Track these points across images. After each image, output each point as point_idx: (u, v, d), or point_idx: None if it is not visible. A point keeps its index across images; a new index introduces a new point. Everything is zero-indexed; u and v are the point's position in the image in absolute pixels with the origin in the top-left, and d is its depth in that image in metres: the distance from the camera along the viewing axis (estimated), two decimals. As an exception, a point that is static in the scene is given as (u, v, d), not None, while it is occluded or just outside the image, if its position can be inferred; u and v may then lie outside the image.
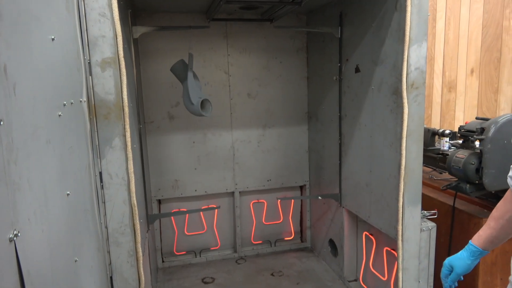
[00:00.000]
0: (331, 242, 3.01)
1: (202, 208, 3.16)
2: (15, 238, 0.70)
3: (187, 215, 3.18)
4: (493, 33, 3.15)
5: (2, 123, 0.69)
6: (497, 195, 2.25)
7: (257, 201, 3.34)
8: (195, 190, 3.14)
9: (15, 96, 0.76)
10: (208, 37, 2.97)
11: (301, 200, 3.47)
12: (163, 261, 3.20)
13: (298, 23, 3.13)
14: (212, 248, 3.32)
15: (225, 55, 3.04)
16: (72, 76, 1.31)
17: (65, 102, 1.16)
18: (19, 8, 0.84)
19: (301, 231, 3.53)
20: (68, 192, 1.12)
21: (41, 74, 0.96)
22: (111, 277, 1.74)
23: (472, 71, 3.34)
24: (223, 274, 3.03)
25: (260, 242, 3.41)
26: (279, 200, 3.33)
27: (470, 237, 2.23)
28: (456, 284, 1.52)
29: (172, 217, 3.17)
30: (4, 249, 0.67)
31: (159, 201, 3.13)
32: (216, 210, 3.20)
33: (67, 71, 1.24)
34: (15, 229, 0.71)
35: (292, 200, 3.41)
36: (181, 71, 2.50)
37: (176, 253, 3.24)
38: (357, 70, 2.40)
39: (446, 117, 3.48)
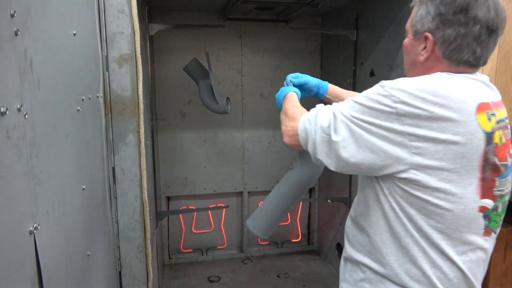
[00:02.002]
0: (339, 246, 3.00)
1: (210, 206, 3.17)
2: (34, 231, 0.70)
3: (195, 213, 3.19)
4: (510, 41, 3.11)
5: (27, 116, 0.70)
6: (510, 206, 2.22)
7: (265, 202, 3.33)
8: (204, 189, 3.15)
9: (39, 90, 0.77)
10: (222, 37, 2.98)
11: (310, 203, 3.46)
12: (169, 258, 3.21)
13: (313, 25, 3.13)
14: (218, 247, 3.32)
15: (239, 55, 3.04)
16: (91, 71, 1.32)
17: (83, 97, 1.17)
18: (44, 3, 0.85)
19: (309, 233, 3.52)
20: (83, 187, 1.13)
21: (63, 69, 0.97)
22: (120, 272, 1.75)
23: (487, 79, 3.30)
24: (229, 274, 3.03)
25: (267, 243, 3.40)
26: (287, 202, 3.32)
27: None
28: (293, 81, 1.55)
29: (180, 215, 3.18)
30: (24, 241, 0.68)
31: (168, 198, 3.14)
32: (224, 209, 3.21)
33: (86, 66, 1.25)
34: (35, 222, 0.72)
35: (301, 202, 3.40)
36: (197, 70, 2.51)
37: (183, 250, 3.25)
38: (372, 74, 2.38)
39: (459, 124, 3.43)
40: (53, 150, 0.86)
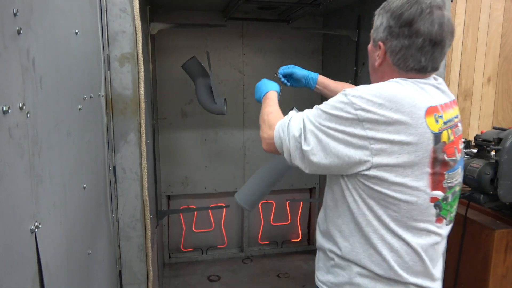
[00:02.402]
0: (339, 246, 2.99)
1: (211, 206, 3.17)
2: (36, 230, 0.70)
3: (195, 212, 3.19)
4: (511, 43, 3.11)
5: (29, 115, 0.70)
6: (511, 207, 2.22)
7: (265, 201, 3.33)
8: (205, 188, 3.15)
9: (41, 89, 0.77)
10: (224, 36, 2.97)
11: (310, 203, 3.46)
12: (170, 257, 3.22)
13: (315, 25, 3.12)
14: (218, 246, 3.33)
15: (240, 55, 3.04)
16: (92, 70, 1.32)
17: (85, 96, 1.17)
18: (47, 1, 0.85)
19: (309, 233, 3.52)
20: (84, 186, 1.13)
21: (65, 67, 0.97)
22: (120, 271, 1.75)
23: (489, 80, 3.29)
24: (228, 273, 3.03)
25: (267, 242, 3.41)
26: (287, 202, 3.33)
27: (481, 248, 2.21)
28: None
29: (180, 214, 3.18)
30: (25, 240, 0.68)
31: (169, 197, 3.15)
32: (224, 208, 3.21)
33: (88, 65, 1.25)
34: (36, 221, 0.72)
35: (301, 202, 3.40)
36: (195, 68, 2.51)
37: (183, 249, 3.25)
38: (373, 74, 2.38)
39: (460, 125, 3.43)
40: (54, 149, 0.86)
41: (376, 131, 0.95)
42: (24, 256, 0.68)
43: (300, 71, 1.75)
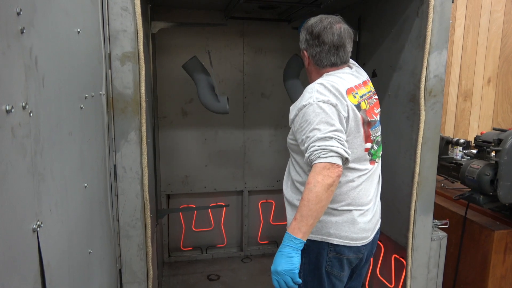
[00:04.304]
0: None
1: (211, 205, 3.17)
2: (38, 229, 0.70)
3: (195, 211, 3.19)
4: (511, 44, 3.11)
5: (32, 114, 0.70)
6: (511, 208, 2.22)
7: (265, 201, 3.34)
8: (205, 187, 3.15)
9: (43, 88, 0.77)
10: (225, 35, 2.97)
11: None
12: (169, 256, 3.22)
13: (316, 25, 3.12)
14: (218, 246, 3.33)
15: (241, 54, 3.04)
16: (94, 69, 1.32)
17: (86, 95, 1.17)
18: (49, 0, 0.85)
19: (308, 233, 3.51)
20: (85, 184, 1.13)
21: (67, 66, 0.97)
22: (120, 270, 1.75)
23: (489, 81, 3.30)
24: (228, 272, 3.04)
25: (267, 242, 3.41)
26: (287, 201, 3.33)
27: (481, 249, 2.21)
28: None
29: (180, 213, 3.18)
30: (27, 239, 0.68)
31: (168, 196, 3.15)
32: (224, 208, 3.21)
33: (90, 64, 1.25)
34: (38, 220, 0.72)
35: (301, 202, 3.40)
36: (196, 68, 2.51)
37: (182, 248, 3.25)
38: (374, 75, 2.38)
39: (460, 126, 3.44)
40: (56, 148, 0.86)
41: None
42: (26, 255, 0.68)
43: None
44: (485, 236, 2.20)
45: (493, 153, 2.17)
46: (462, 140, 2.59)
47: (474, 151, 2.48)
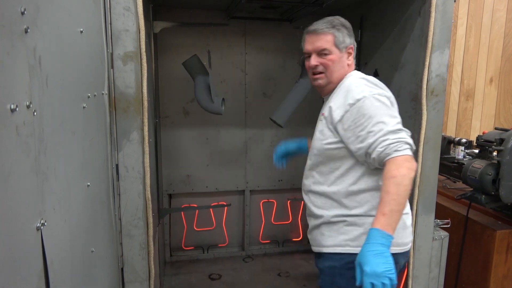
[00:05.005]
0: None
1: (212, 205, 3.17)
2: (42, 227, 0.71)
3: (197, 211, 3.20)
4: (514, 43, 3.10)
5: (35, 113, 0.70)
6: (513, 207, 2.22)
7: (267, 200, 3.34)
8: (206, 187, 3.16)
9: (47, 87, 0.77)
10: (226, 35, 2.98)
11: (311, 202, 3.45)
12: (171, 255, 3.22)
13: (317, 25, 3.12)
14: (220, 245, 3.33)
15: (243, 53, 3.04)
16: (96, 69, 1.33)
17: (89, 95, 1.18)
18: (53, 0, 0.85)
19: (310, 232, 3.52)
20: (88, 184, 1.13)
21: (70, 66, 0.97)
22: (122, 269, 1.75)
23: (491, 80, 3.29)
24: (230, 272, 3.04)
25: (268, 241, 3.41)
26: (289, 201, 3.33)
27: (483, 248, 2.21)
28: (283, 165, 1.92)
29: (182, 212, 3.18)
30: (31, 237, 0.68)
31: (170, 196, 3.15)
32: (225, 207, 3.21)
33: (92, 64, 1.26)
34: (42, 218, 0.72)
35: (302, 202, 3.40)
36: (196, 66, 2.51)
37: (184, 247, 3.25)
38: (375, 74, 2.38)
39: (462, 126, 3.44)
40: (60, 147, 0.87)
41: None
42: (30, 253, 0.68)
43: (292, 145, 1.92)
44: (487, 236, 2.20)
45: (495, 153, 2.17)
46: (464, 140, 2.59)
47: (476, 151, 2.48)
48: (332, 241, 1.50)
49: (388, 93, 1.44)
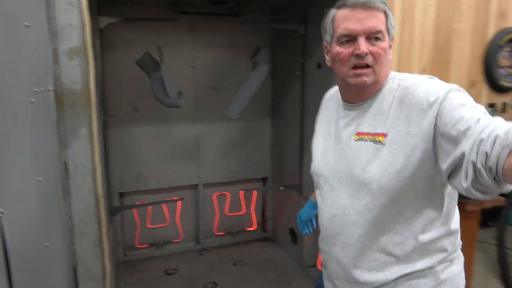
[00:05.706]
0: (291, 231, 3.13)
1: (165, 200, 3.17)
2: (1, 216, 0.72)
3: (149, 207, 3.18)
4: (443, 35, 3.38)
5: (-12, 105, 0.71)
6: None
7: (220, 193, 3.39)
8: (158, 183, 3.15)
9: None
10: (175, 30, 2.98)
11: (263, 192, 3.56)
12: (125, 255, 3.18)
13: (264, 20, 3.20)
14: (174, 241, 3.34)
15: (191, 49, 3.06)
16: (42, 64, 1.31)
17: (36, 89, 1.17)
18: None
19: (263, 221, 3.63)
20: (40, 178, 1.13)
21: (17, 59, 0.97)
22: (75, 268, 1.73)
23: (424, 70, 3.56)
24: (186, 265, 3.06)
25: (223, 233, 3.47)
26: (242, 192, 3.41)
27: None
28: (310, 230, 1.64)
29: (134, 210, 3.15)
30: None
31: (121, 195, 3.10)
32: (179, 202, 3.22)
33: (38, 58, 1.24)
34: (0, 208, 0.73)
35: (255, 192, 3.49)
36: (149, 63, 2.51)
37: (138, 246, 3.23)
38: (318, 66, 2.51)
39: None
40: (13, 140, 0.87)
41: None
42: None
43: (310, 212, 1.61)
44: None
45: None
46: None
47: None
48: None
49: None
